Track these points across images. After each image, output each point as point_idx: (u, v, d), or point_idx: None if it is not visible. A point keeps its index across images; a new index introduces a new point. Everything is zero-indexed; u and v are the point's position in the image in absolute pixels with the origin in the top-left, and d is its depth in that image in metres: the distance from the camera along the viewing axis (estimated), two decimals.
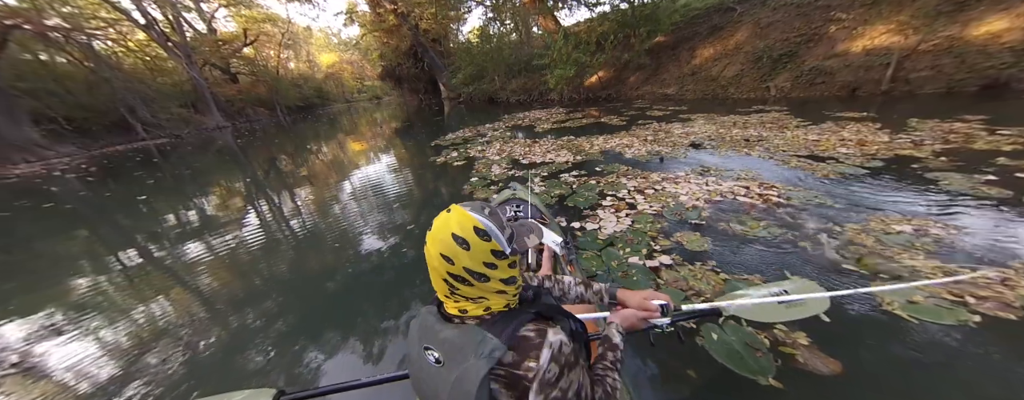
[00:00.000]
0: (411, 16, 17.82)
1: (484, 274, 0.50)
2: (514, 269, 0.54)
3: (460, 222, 0.50)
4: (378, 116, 18.18)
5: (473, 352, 0.48)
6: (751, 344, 1.38)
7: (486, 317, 0.53)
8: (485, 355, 0.47)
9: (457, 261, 0.49)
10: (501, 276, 0.52)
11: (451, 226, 0.50)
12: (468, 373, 0.47)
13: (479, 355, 0.47)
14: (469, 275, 0.50)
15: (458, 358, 0.49)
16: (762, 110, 6.19)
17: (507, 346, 0.48)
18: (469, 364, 0.48)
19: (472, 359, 0.48)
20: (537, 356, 0.47)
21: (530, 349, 0.48)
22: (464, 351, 0.49)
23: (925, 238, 1.94)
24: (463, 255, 0.49)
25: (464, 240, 0.49)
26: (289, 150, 9.17)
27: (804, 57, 7.35)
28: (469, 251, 0.49)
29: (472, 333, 0.50)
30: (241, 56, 21.71)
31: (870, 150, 3.44)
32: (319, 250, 2.85)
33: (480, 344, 0.48)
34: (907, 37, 6.01)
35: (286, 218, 3.85)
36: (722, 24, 9.59)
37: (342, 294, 2.17)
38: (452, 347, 0.51)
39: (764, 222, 2.32)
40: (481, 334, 0.49)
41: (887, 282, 1.65)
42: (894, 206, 2.33)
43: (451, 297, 0.53)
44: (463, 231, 0.49)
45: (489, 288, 0.52)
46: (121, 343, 1.90)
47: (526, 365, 0.47)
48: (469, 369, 0.47)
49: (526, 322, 0.51)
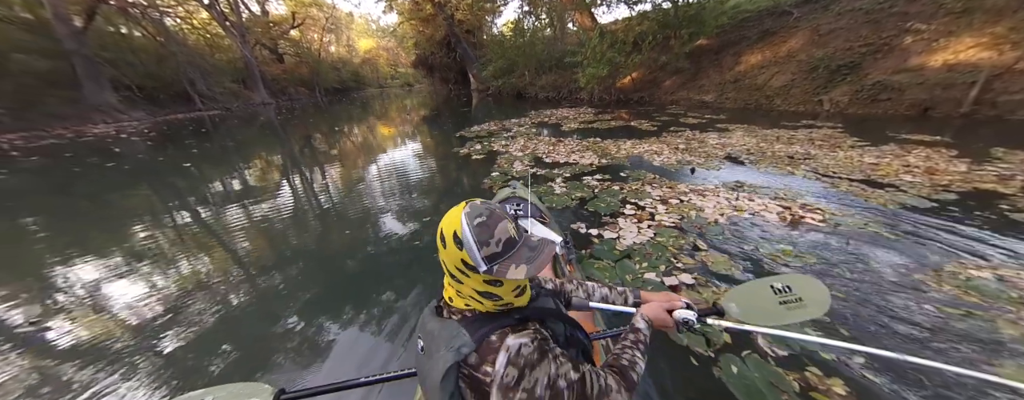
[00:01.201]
0: (447, 6, 17.93)
1: (457, 276, 0.53)
2: (498, 288, 0.53)
3: (450, 221, 0.51)
4: (408, 103, 18.59)
5: (445, 344, 0.51)
6: (776, 384, 1.23)
7: (468, 314, 0.54)
8: (454, 349, 0.50)
9: (440, 252, 0.53)
10: (475, 286, 0.52)
11: (445, 221, 0.52)
12: (437, 363, 0.51)
13: (449, 348, 0.50)
14: (448, 266, 0.53)
15: (434, 348, 0.53)
16: (812, 125, 5.66)
17: (475, 345, 0.50)
18: (440, 354, 0.51)
19: (443, 350, 0.51)
20: (494, 361, 0.48)
21: (489, 353, 0.49)
22: (439, 342, 0.53)
23: (1013, 286, 1.65)
24: (442, 250, 0.53)
25: (444, 239, 0.51)
26: (323, 130, 9.55)
27: (868, 70, 6.62)
28: (445, 250, 0.52)
29: (450, 328, 0.53)
30: (288, 38, 22.90)
31: (941, 180, 3.02)
32: (336, 236, 2.90)
33: (453, 338, 0.51)
34: (1002, 53, 5.25)
35: (310, 199, 3.97)
36: (775, 29, 8.85)
37: (353, 286, 2.16)
38: (432, 338, 0.55)
39: (799, 248, 2.09)
40: (457, 330, 0.52)
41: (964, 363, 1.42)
42: (968, 247, 2.02)
43: (445, 278, 0.57)
44: (447, 231, 0.51)
45: (463, 290, 0.54)
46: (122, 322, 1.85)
47: (484, 369, 0.49)
48: (439, 359, 0.51)
49: (499, 327, 0.51)
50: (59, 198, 4.10)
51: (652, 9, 10.43)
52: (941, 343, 1.39)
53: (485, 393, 0.49)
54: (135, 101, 12.83)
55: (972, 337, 1.41)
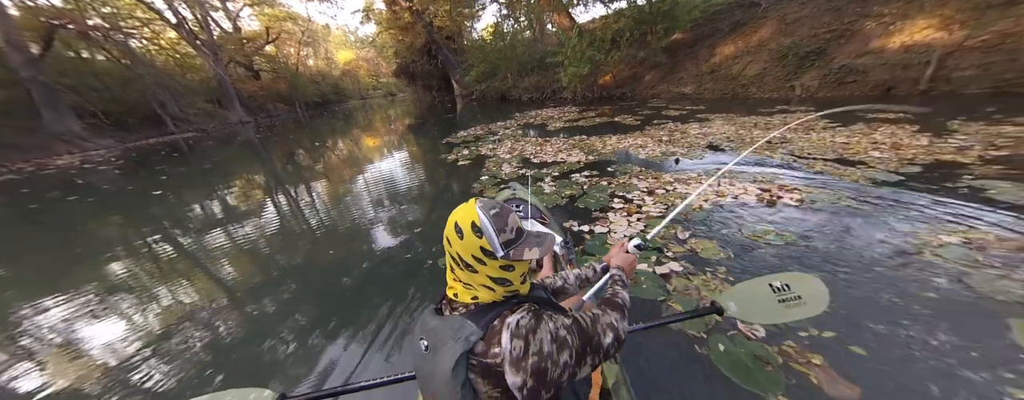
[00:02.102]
0: (426, 13, 17.93)
1: (472, 266, 0.55)
2: (509, 273, 0.56)
3: (465, 213, 0.55)
4: (392, 113, 18.45)
5: (452, 337, 0.53)
6: (761, 357, 1.30)
7: (472, 307, 0.57)
8: (461, 339, 0.52)
9: (453, 246, 0.55)
10: (490, 273, 0.55)
11: (458, 215, 0.56)
12: (446, 355, 0.52)
13: (457, 339, 0.52)
14: (460, 260, 0.55)
15: (440, 343, 0.55)
16: (786, 110, 5.90)
17: (482, 332, 0.52)
18: (447, 347, 0.53)
19: (450, 343, 0.53)
20: (499, 341, 0.51)
21: (494, 336, 0.52)
22: (445, 336, 0.54)
23: (989, 252, 1.76)
24: (457, 242, 0.55)
25: (461, 230, 0.54)
26: (306, 145, 9.39)
27: (834, 54, 6.95)
28: (462, 241, 0.54)
29: (454, 322, 0.55)
30: (263, 53, 22.51)
31: (906, 154, 3.21)
32: (327, 249, 2.88)
33: (459, 330, 0.53)
34: (951, 33, 5.59)
35: (297, 215, 3.92)
36: (745, 20, 9.19)
37: (348, 295, 2.17)
38: (436, 335, 0.56)
39: (781, 228, 2.19)
40: (462, 322, 0.54)
41: None
42: (935, 216, 2.15)
43: (451, 274, 0.59)
44: (463, 222, 0.54)
45: (476, 280, 0.56)
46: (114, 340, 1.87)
47: (493, 352, 0.51)
48: (447, 351, 0.52)
49: (499, 314, 0.54)
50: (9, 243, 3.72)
51: (627, 6, 10.69)
52: (917, 306, 1.49)
53: (498, 376, 0.51)
54: (101, 128, 12.32)
55: (945, 299, 1.51)
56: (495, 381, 0.52)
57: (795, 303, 0.92)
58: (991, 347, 1.27)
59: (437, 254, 2.42)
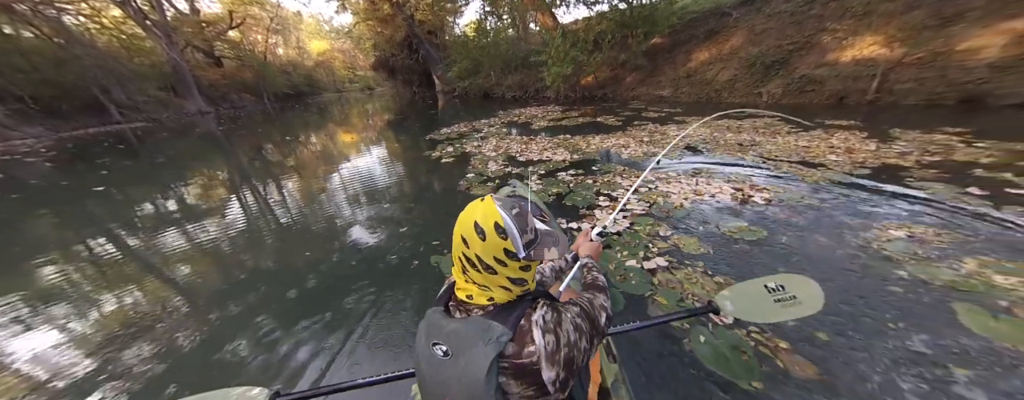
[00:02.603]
0: (407, 6, 17.40)
1: (492, 267, 0.53)
2: (526, 273, 0.56)
3: (485, 213, 0.53)
4: (370, 107, 17.77)
5: (481, 339, 0.50)
6: (737, 346, 1.39)
7: (490, 308, 0.55)
8: (492, 340, 0.50)
9: (471, 247, 0.53)
10: (509, 274, 0.54)
11: (476, 214, 0.53)
12: (476, 359, 0.50)
13: (487, 341, 0.50)
14: (479, 263, 0.53)
15: (466, 347, 0.51)
16: (755, 116, 6.29)
17: (512, 332, 0.51)
18: (477, 350, 0.50)
19: (480, 345, 0.50)
20: (532, 339, 0.51)
21: (525, 336, 0.51)
22: (471, 339, 0.51)
23: (928, 246, 1.98)
24: (478, 244, 0.52)
25: (483, 231, 0.52)
26: (276, 139, 8.82)
27: (795, 65, 7.50)
28: (483, 242, 0.52)
29: (478, 323, 0.53)
30: (226, 39, 20.76)
31: (858, 158, 3.53)
32: (302, 250, 2.73)
33: (487, 331, 0.51)
34: (893, 50, 6.20)
35: (269, 214, 3.69)
36: (718, 29, 9.69)
37: (344, 292, 2.07)
38: (459, 338, 0.53)
39: (753, 224, 2.34)
40: (486, 323, 0.52)
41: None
42: (883, 213, 2.39)
43: (463, 276, 0.56)
44: (484, 222, 0.52)
45: (494, 281, 0.54)
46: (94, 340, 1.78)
47: (527, 351, 0.50)
48: (477, 355, 0.50)
49: (522, 313, 0.54)
50: None
51: (609, 9, 10.93)
52: (870, 293, 1.64)
53: (533, 375, 0.50)
54: (29, 114, 10.83)
55: (894, 287, 1.68)
56: (529, 380, 0.51)
57: (790, 303, 0.93)
58: (937, 327, 1.43)
59: (424, 254, 2.36)
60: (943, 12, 5.99)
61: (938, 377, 1.22)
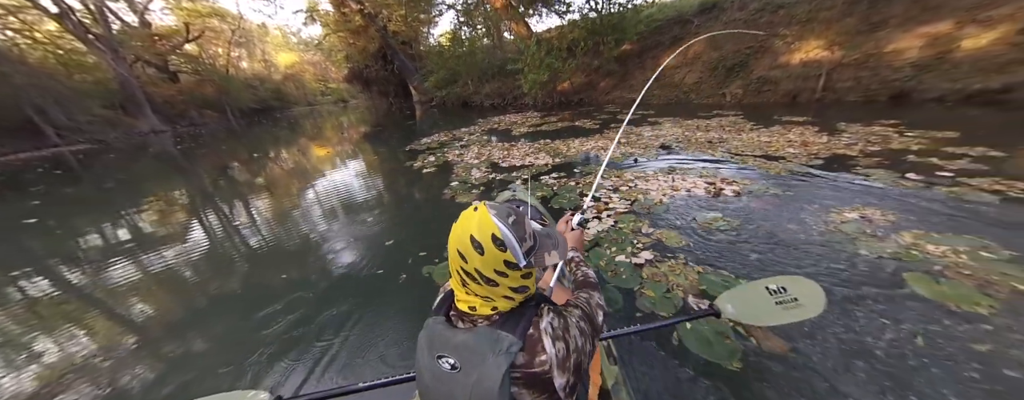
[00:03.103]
0: (379, 17, 17.29)
1: (493, 280, 0.51)
2: (528, 280, 0.55)
3: (481, 225, 0.49)
4: (345, 120, 17.33)
5: (491, 350, 0.49)
6: (721, 332, 1.48)
7: (495, 317, 0.53)
8: (503, 351, 0.48)
9: (470, 262, 0.50)
10: (511, 284, 0.52)
11: (471, 227, 0.50)
12: (489, 371, 0.48)
13: (497, 352, 0.49)
14: (479, 276, 0.51)
15: (476, 360, 0.50)
16: (720, 114, 6.73)
17: (522, 342, 0.50)
18: (488, 363, 0.48)
19: (491, 357, 0.49)
20: (543, 348, 0.50)
21: (536, 345, 0.51)
22: (481, 352, 0.50)
23: (874, 225, 2.19)
24: (476, 258, 0.49)
25: (480, 245, 0.49)
26: (243, 156, 8.38)
27: (753, 67, 8.12)
28: (482, 257, 0.49)
29: (486, 334, 0.51)
30: (182, 53, 19.64)
31: (812, 150, 3.86)
32: (280, 269, 2.62)
33: (496, 342, 0.49)
34: (833, 52, 6.88)
35: (239, 234, 3.50)
36: (682, 35, 10.33)
37: (343, 297, 2.01)
38: (468, 350, 0.51)
39: (726, 215, 2.51)
40: (495, 333, 0.50)
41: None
42: (838, 198, 2.63)
43: (463, 288, 0.54)
44: (481, 236, 0.49)
45: (496, 292, 0.52)
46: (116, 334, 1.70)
47: (539, 360, 0.50)
48: (489, 367, 0.48)
49: (529, 321, 0.53)
50: None
51: (581, 18, 11.40)
52: (831, 269, 1.80)
53: (545, 383, 0.50)
54: None
55: (851, 262, 1.85)
56: (541, 388, 0.51)
57: (792, 305, 0.91)
58: (892, 295, 1.59)
59: (413, 265, 2.33)
60: (871, 19, 6.74)
61: (898, 338, 1.36)
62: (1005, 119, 4.38)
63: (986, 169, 2.84)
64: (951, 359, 1.27)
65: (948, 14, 5.91)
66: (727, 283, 1.79)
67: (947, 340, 1.34)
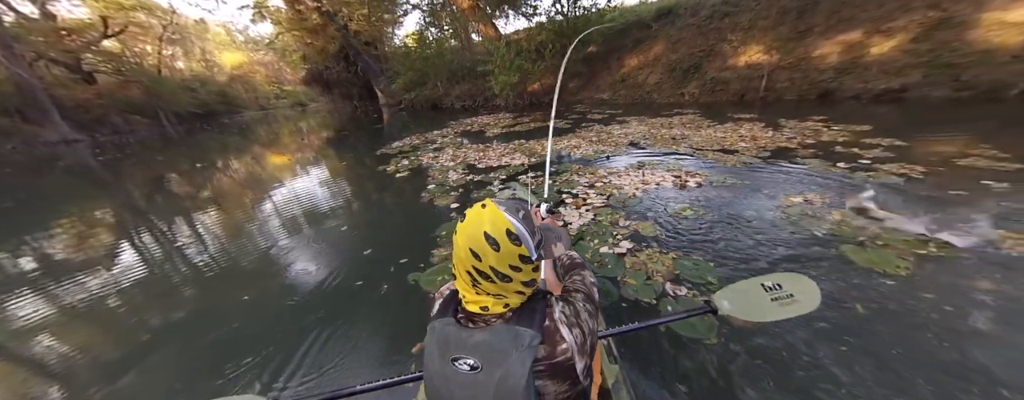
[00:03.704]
0: (339, 16, 16.45)
1: (508, 276, 0.51)
2: (536, 273, 0.56)
3: (494, 221, 0.50)
4: (304, 125, 16.24)
5: (513, 347, 0.49)
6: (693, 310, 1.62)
7: (508, 315, 0.53)
8: (525, 346, 0.49)
9: (484, 259, 0.50)
10: (523, 279, 0.53)
11: (484, 224, 0.50)
12: (513, 368, 0.48)
13: (520, 348, 0.49)
14: (494, 274, 0.50)
15: (498, 358, 0.49)
16: (680, 113, 7.24)
17: (541, 334, 0.50)
18: (512, 359, 0.48)
19: (514, 354, 0.49)
20: (562, 337, 0.51)
21: (554, 335, 0.51)
22: (503, 349, 0.49)
23: (813, 206, 2.50)
24: (492, 255, 0.49)
25: (495, 241, 0.49)
26: (183, 167, 7.53)
27: (706, 69, 8.83)
28: (498, 253, 0.49)
29: (504, 331, 0.51)
30: (100, 50, 17.07)
31: (760, 144, 4.29)
32: (240, 289, 2.42)
33: (517, 338, 0.49)
34: (772, 56, 7.69)
35: (189, 249, 3.15)
36: (643, 38, 10.97)
37: (340, 299, 1.89)
38: (489, 349, 0.50)
39: (692, 205, 2.73)
40: (514, 330, 0.50)
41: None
42: (785, 185, 2.96)
43: (473, 289, 0.54)
44: (495, 232, 0.49)
45: (510, 288, 0.53)
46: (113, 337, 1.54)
47: (560, 349, 0.50)
48: (513, 364, 0.48)
49: (542, 313, 0.53)
50: None
51: (548, 20, 11.69)
52: (781, 246, 2.04)
53: (567, 370, 0.50)
54: None
55: (798, 239, 2.11)
56: (563, 376, 0.51)
57: (788, 301, 0.93)
58: (830, 265, 1.84)
59: (396, 273, 2.26)
60: (799, 27, 7.63)
61: (839, 299, 1.58)
62: (904, 114, 5.18)
63: (893, 156, 3.36)
64: (883, 312, 1.50)
65: (858, 25, 6.86)
66: (698, 266, 1.95)
67: (879, 296, 1.58)
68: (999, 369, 1.22)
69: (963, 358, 1.27)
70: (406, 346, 1.60)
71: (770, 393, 1.23)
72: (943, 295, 1.57)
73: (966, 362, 1.26)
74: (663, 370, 1.36)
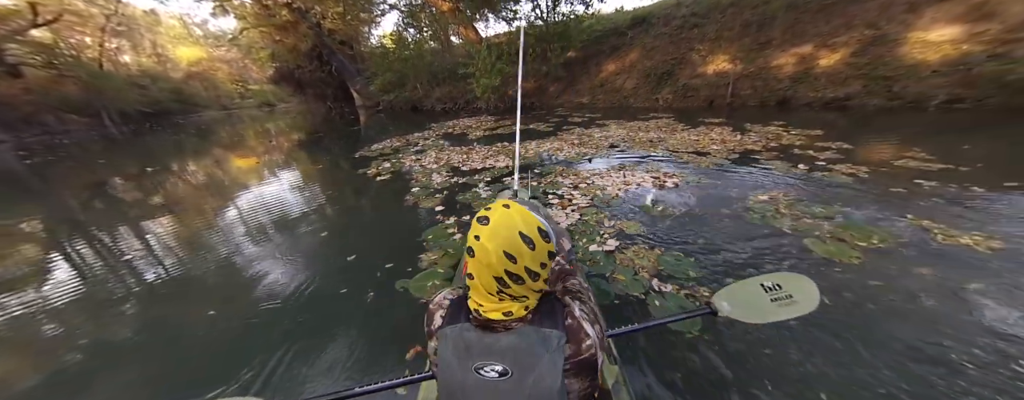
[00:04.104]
0: (311, 13, 15.77)
1: (537, 273, 0.51)
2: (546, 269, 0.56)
3: (525, 221, 0.50)
4: (273, 126, 15.40)
5: (544, 349, 0.49)
6: (682, 306, 1.72)
7: (527, 317, 0.53)
8: (554, 348, 0.49)
9: (520, 260, 0.49)
10: (545, 276, 0.53)
11: (518, 224, 0.50)
12: (546, 370, 0.48)
13: (550, 349, 0.49)
14: (527, 274, 0.50)
15: (531, 361, 0.49)
16: (656, 117, 7.58)
17: (565, 332, 0.51)
18: (544, 361, 0.48)
19: (546, 356, 0.48)
20: (587, 334, 0.51)
21: (578, 333, 0.51)
22: (534, 352, 0.49)
23: (779, 203, 2.71)
24: (528, 254, 0.49)
25: (531, 240, 0.49)
26: (130, 171, 6.87)
27: (678, 76, 9.33)
28: (533, 251, 0.49)
29: (531, 334, 0.50)
30: (28, 41, 15.13)
31: (729, 146, 4.59)
32: (206, 303, 2.25)
33: (546, 340, 0.49)
34: (736, 65, 8.27)
35: (140, 262, 2.87)
36: (619, 45, 11.41)
37: (340, 299, 1.78)
38: (519, 353, 0.49)
39: (671, 204, 2.88)
40: (541, 332, 0.50)
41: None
42: (752, 184, 3.19)
43: (495, 296, 0.51)
44: (529, 230, 0.50)
45: (533, 287, 0.52)
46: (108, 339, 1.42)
47: (585, 346, 0.51)
48: (546, 366, 0.48)
49: (562, 311, 0.54)
50: None
51: (528, 25, 11.86)
52: (750, 241, 2.20)
53: (590, 365, 0.51)
54: None
55: (763, 234, 2.28)
56: (587, 372, 0.52)
57: (787, 302, 0.93)
58: (798, 255, 2.01)
59: (383, 279, 2.19)
60: (759, 39, 8.28)
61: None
62: (849, 120, 5.74)
63: (843, 158, 3.71)
64: (843, 300, 1.66)
65: (809, 39, 7.55)
66: (679, 262, 2.06)
67: (837, 284, 1.75)
68: (937, 341, 1.38)
69: (911, 336, 1.43)
70: (395, 350, 1.56)
71: (769, 393, 1.23)
72: (889, 281, 1.76)
73: (912, 340, 1.41)
74: (663, 371, 1.36)
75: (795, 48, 7.66)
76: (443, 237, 2.61)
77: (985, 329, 1.43)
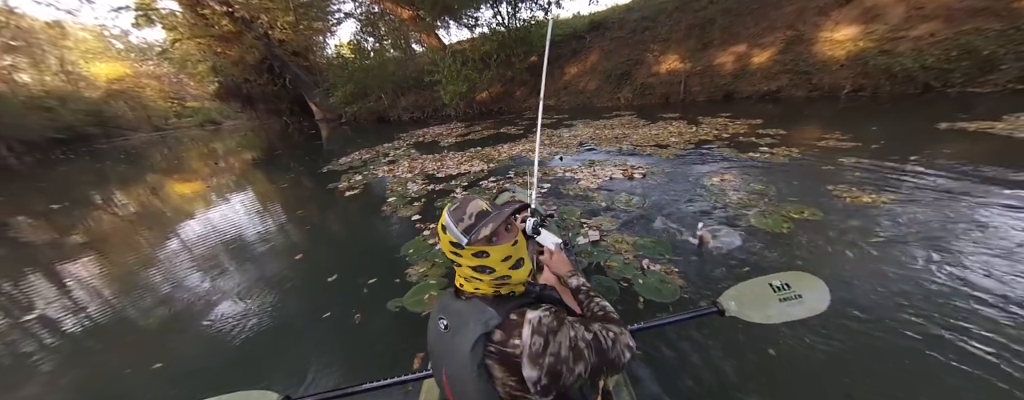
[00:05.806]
0: (257, 23, 14.79)
1: (454, 261, 0.61)
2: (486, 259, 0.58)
3: (441, 217, 0.62)
4: (220, 146, 14.08)
5: (473, 319, 0.57)
6: (663, 280, 1.88)
7: (490, 296, 0.61)
8: (482, 322, 0.55)
9: (441, 246, 0.62)
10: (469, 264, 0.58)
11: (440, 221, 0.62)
12: (466, 335, 0.55)
13: (477, 322, 0.56)
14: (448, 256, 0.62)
15: (461, 323, 0.58)
16: (619, 115, 8.03)
17: (501, 319, 0.54)
18: (469, 327, 0.56)
19: (471, 324, 0.56)
20: (520, 334, 0.53)
21: (514, 328, 0.54)
22: (466, 317, 0.58)
23: (728, 184, 3.02)
24: (442, 243, 0.62)
25: (438, 234, 0.64)
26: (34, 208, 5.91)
27: (635, 75, 9.96)
28: (440, 241, 0.64)
29: (476, 305, 0.59)
30: None
31: (686, 138, 5.00)
32: (159, 344, 2.06)
33: (481, 313, 0.57)
34: (686, 64, 9.02)
35: (53, 312, 2.56)
36: (579, 49, 11.94)
37: (344, 300, 1.66)
38: (458, 316, 0.60)
39: (640, 193, 3.10)
40: (482, 306, 0.58)
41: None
42: (708, 170, 3.52)
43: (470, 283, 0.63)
44: (439, 225, 0.62)
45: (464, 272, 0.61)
46: None
47: (512, 343, 0.53)
48: (468, 332, 0.56)
49: (518, 306, 0.58)
50: None
51: (490, 32, 12.05)
52: (705, 218, 2.43)
53: (515, 366, 0.52)
54: None
55: (719, 212, 2.54)
56: (511, 370, 0.53)
57: (796, 301, 0.91)
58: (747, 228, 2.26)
59: (369, 297, 2.12)
60: (703, 40, 9.10)
61: (754, 261, 1.95)
62: (782, 110, 6.50)
63: (780, 142, 4.22)
64: (769, 251, 1.90)
65: (743, 40, 8.45)
66: (657, 244, 2.23)
67: (782, 254, 2.00)
68: (876, 297, 1.63)
69: (844, 293, 1.67)
70: (401, 361, 1.54)
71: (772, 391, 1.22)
72: (818, 243, 2.06)
73: (846, 296, 1.66)
74: (665, 371, 1.34)
75: (732, 48, 8.52)
76: (425, 249, 2.52)
77: None
